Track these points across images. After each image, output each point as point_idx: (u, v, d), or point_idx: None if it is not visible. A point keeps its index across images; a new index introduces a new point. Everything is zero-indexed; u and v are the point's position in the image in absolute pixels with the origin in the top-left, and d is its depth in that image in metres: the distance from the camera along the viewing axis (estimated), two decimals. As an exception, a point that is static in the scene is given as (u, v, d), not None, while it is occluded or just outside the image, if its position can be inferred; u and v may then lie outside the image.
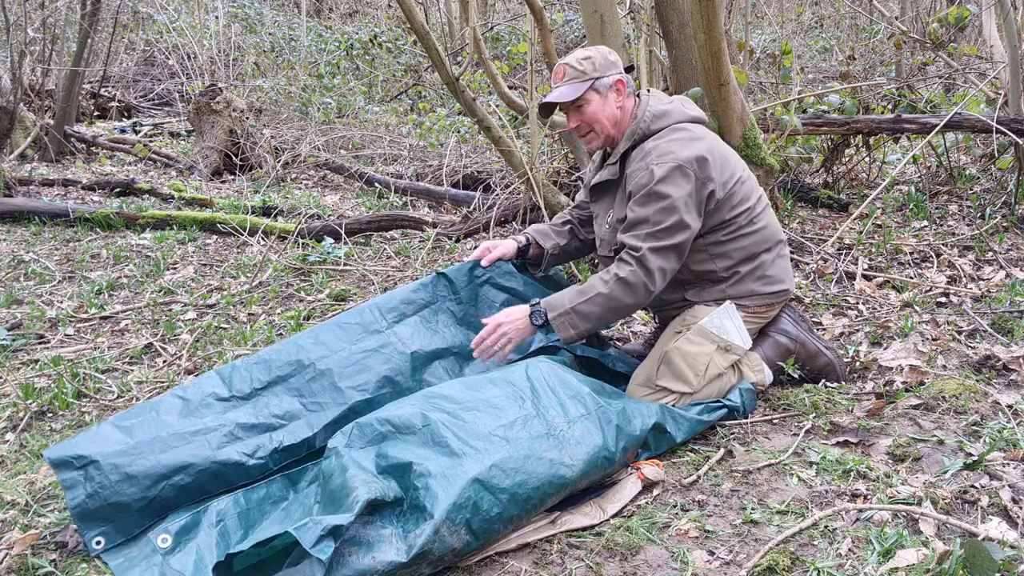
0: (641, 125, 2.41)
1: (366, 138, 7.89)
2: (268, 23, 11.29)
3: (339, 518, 1.56)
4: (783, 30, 9.55)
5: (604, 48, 2.47)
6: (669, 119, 2.42)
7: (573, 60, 2.43)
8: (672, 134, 2.37)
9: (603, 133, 2.46)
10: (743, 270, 2.43)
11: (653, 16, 4.26)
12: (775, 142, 4.05)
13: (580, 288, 2.32)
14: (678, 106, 2.47)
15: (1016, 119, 3.94)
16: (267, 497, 2.00)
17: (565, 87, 2.42)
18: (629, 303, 2.29)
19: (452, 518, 1.67)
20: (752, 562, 1.67)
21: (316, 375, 2.23)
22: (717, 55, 3.18)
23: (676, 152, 2.30)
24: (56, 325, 3.49)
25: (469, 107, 4.19)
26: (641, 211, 2.30)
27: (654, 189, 2.27)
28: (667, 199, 2.26)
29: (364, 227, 4.77)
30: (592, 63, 2.41)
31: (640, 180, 2.31)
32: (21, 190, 6.08)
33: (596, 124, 2.44)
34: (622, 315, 2.37)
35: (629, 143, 2.43)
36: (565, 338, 2.31)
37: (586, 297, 2.28)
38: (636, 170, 2.35)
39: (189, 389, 2.15)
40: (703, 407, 2.28)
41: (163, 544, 1.84)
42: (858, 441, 2.16)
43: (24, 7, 7.88)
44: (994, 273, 3.45)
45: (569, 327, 2.29)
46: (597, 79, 2.41)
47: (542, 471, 1.83)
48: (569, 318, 2.28)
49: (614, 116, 2.45)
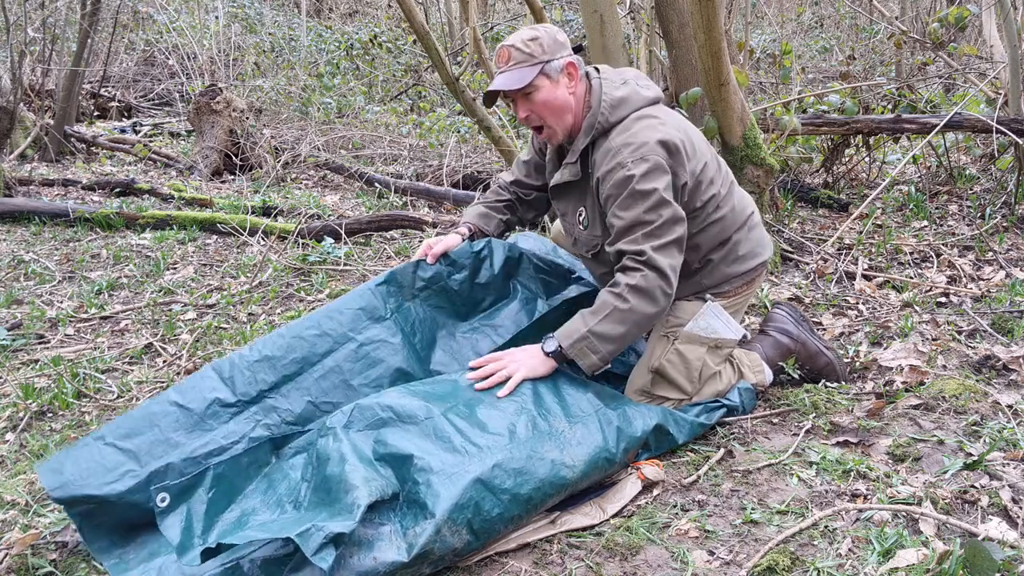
0: (600, 118, 2.20)
1: (366, 138, 7.89)
2: (268, 23, 11.29)
3: (342, 525, 1.54)
4: (783, 30, 9.55)
5: (552, 27, 2.24)
6: (628, 106, 2.22)
7: (518, 41, 2.18)
8: (635, 124, 2.19)
9: (559, 126, 2.24)
10: (716, 257, 2.34)
11: (653, 16, 4.26)
12: (775, 142, 4.04)
13: (591, 310, 2.13)
14: (633, 88, 2.26)
15: (1016, 119, 3.95)
16: (252, 462, 1.94)
17: (511, 72, 2.17)
18: (651, 312, 2.11)
19: (454, 518, 1.67)
20: (752, 562, 1.67)
21: (325, 372, 2.13)
22: (717, 55, 3.18)
23: (648, 143, 2.13)
24: (56, 325, 3.49)
25: (469, 107, 4.19)
26: (629, 214, 2.13)
27: (636, 188, 2.11)
28: (653, 195, 2.11)
29: (364, 227, 4.77)
30: (540, 44, 2.17)
31: (616, 181, 2.13)
32: (21, 190, 6.08)
33: (548, 115, 2.21)
34: (645, 327, 2.15)
35: (588, 138, 2.23)
36: (587, 366, 2.10)
37: (602, 315, 2.09)
38: (609, 171, 2.15)
39: (187, 393, 2.01)
40: (702, 407, 2.27)
41: (161, 503, 1.78)
42: (858, 441, 2.16)
43: (24, 7, 7.88)
44: (994, 273, 3.45)
45: (589, 352, 2.09)
46: (547, 62, 2.17)
47: (543, 472, 1.83)
48: (588, 343, 2.08)
49: (567, 103, 2.21)
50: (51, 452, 2.38)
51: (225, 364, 2.09)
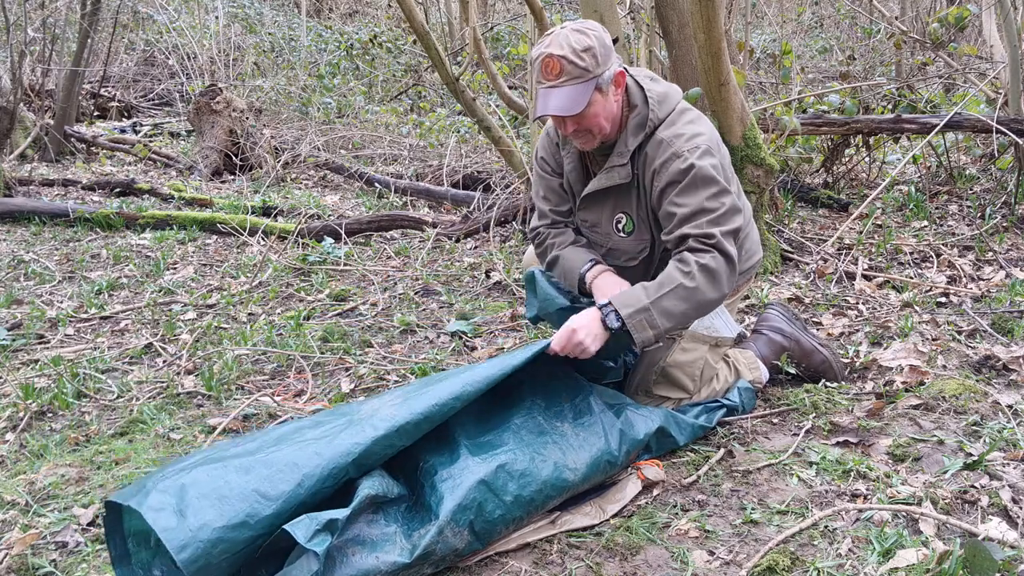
0: (651, 116, 2.11)
1: (366, 138, 7.89)
2: (268, 23, 11.28)
3: (335, 512, 1.55)
4: (783, 30, 9.55)
5: (597, 25, 2.06)
6: (671, 101, 2.15)
7: (570, 53, 1.97)
8: (681, 118, 2.13)
9: (601, 134, 2.11)
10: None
11: (653, 16, 4.26)
12: (775, 142, 4.04)
13: (657, 281, 2.00)
14: (665, 84, 2.22)
15: (1016, 119, 3.95)
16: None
17: (565, 90, 1.99)
18: (713, 298, 2.01)
19: (456, 519, 1.67)
20: (752, 562, 1.67)
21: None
22: (717, 55, 3.18)
23: (702, 133, 2.08)
24: (56, 325, 3.49)
25: (469, 107, 4.19)
26: (693, 201, 2.03)
27: (699, 175, 2.02)
28: (715, 184, 2.04)
29: (364, 227, 4.77)
30: (594, 55, 1.99)
31: (675, 170, 2.04)
32: (21, 190, 6.08)
33: (595, 126, 2.08)
34: (703, 312, 2.05)
35: (639, 137, 2.12)
36: (641, 340, 1.97)
37: (666, 290, 1.96)
38: (665, 161, 2.06)
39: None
40: (702, 408, 2.27)
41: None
42: (858, 441, 2.16)
43: (24, 7, 7.88)
44: (994, 273, 3.45)
45: (647, 326, 1.96)
46: (600, 75, 2.01)
47: (546, 474, 1.83)
48: (647, 316, 1.95)
49: (614, 114, 2.10)
50: (51, 452, 2.39)
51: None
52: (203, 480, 1.57)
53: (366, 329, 3.29)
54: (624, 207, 2.22)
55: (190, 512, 1.50)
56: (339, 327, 3.27)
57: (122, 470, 2.23)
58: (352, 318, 3.45)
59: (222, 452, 1.70)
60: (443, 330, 3.24)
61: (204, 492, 1.54)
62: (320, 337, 3.17)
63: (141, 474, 2.17)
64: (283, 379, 2.87)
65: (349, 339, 3.16)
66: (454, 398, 1.80)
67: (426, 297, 3.68)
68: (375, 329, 3.29)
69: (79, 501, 2.08)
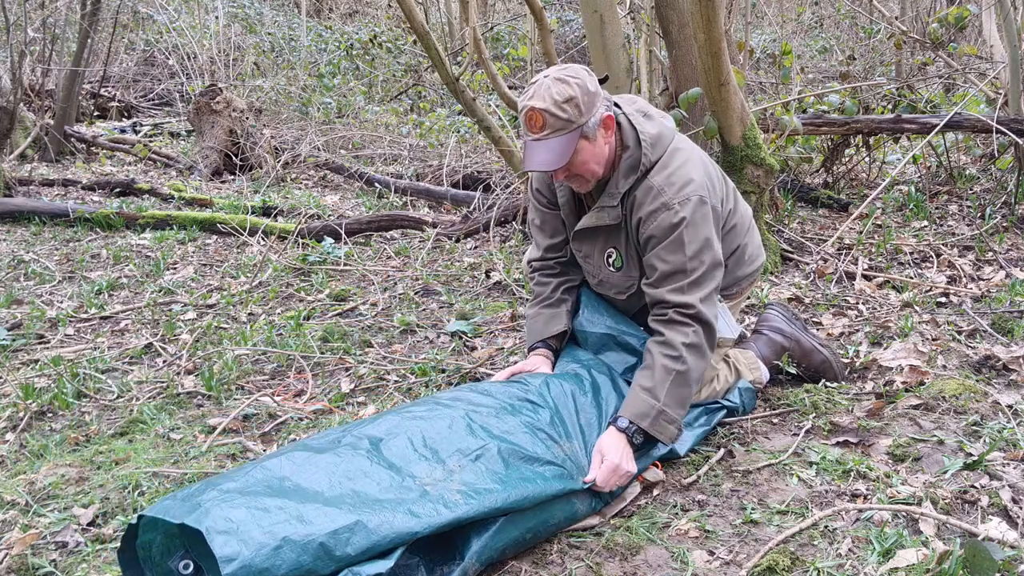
0: (644, 159, 2.11)
1: (366, 138, 7.89)
2: (268, 23, 11.28)
3: (377, 566, 1.54)
4: (783, 30, 9.55)
5: (581, 71, 2.03)
6: (664, 142, 2.14)
7: (552, 105, 1.96)
8: (673, 160, 2.12)
9: (594, 178, 2.11)
10: (730, 263, 2.35)
11: (653, 16, 4.26)
12: (775, 142, 4.04)
13: (651, 383, 2.04)
14: (658, 120, 2.19)
15: (1016, 119, 3.95)
16: None
17: (548, 143, 1.98)
18: (704, 367, 2.10)
19: (480, 560, 1.69)
20: (752, 562, 1.67)
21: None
22: (717, 55, 3.18)
23: (692, 181, 2.09)
24: (56, 325, 3.49)
25: (469, 107, 4.19)
26: (675, 259, 2.07)
27: (685, 232, 2.05)
28: (698, 240, 2.07)
29: (364, 227, 4.77)
30: (577, 106, 1.97)
31: (662, 223, 2.06)
32: (21, 190, 6.08)
33: (586, 171, 2.07)
34: (700, 382, 2.15)
35: (630, 180, 2.13)
36: (667, 438, 2.04)
37: (667, 384, 2.02)
38: (653, 211, 2.08)
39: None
40: (702, 409, 2.27)
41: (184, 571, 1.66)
42: (858, 441, 2.16)
43: (24, 7, 7.88)
44: (994, 273, 3.45)
45: (668, 425, 2.02)
46: (584, 124, 1.99)
47: (560, 515, 1.85)
48: (663, 416, 2.01)
49: (605, 156, 2.09)
50: (51, 452, 2.39)
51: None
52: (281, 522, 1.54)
53: (366, 329, 3.29)
54: (614, 243, 2.24)
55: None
56: (339, 327, 3.27)
57: (122, 470, 2.23)
58: (352, 318, 3.45)
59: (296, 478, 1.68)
60: (443, 330, 3.24)
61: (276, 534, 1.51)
62: (320, 337, 3.17)
63: (141, 474, 2.17)
64: (283, 379, 2.87)
65: (349, 339, 3.16)
66: (516, 502, 1.76)
67: (426, 297, 3.68)
68: (375, 329, 3.29)
69: (79, 501, 2.08)
